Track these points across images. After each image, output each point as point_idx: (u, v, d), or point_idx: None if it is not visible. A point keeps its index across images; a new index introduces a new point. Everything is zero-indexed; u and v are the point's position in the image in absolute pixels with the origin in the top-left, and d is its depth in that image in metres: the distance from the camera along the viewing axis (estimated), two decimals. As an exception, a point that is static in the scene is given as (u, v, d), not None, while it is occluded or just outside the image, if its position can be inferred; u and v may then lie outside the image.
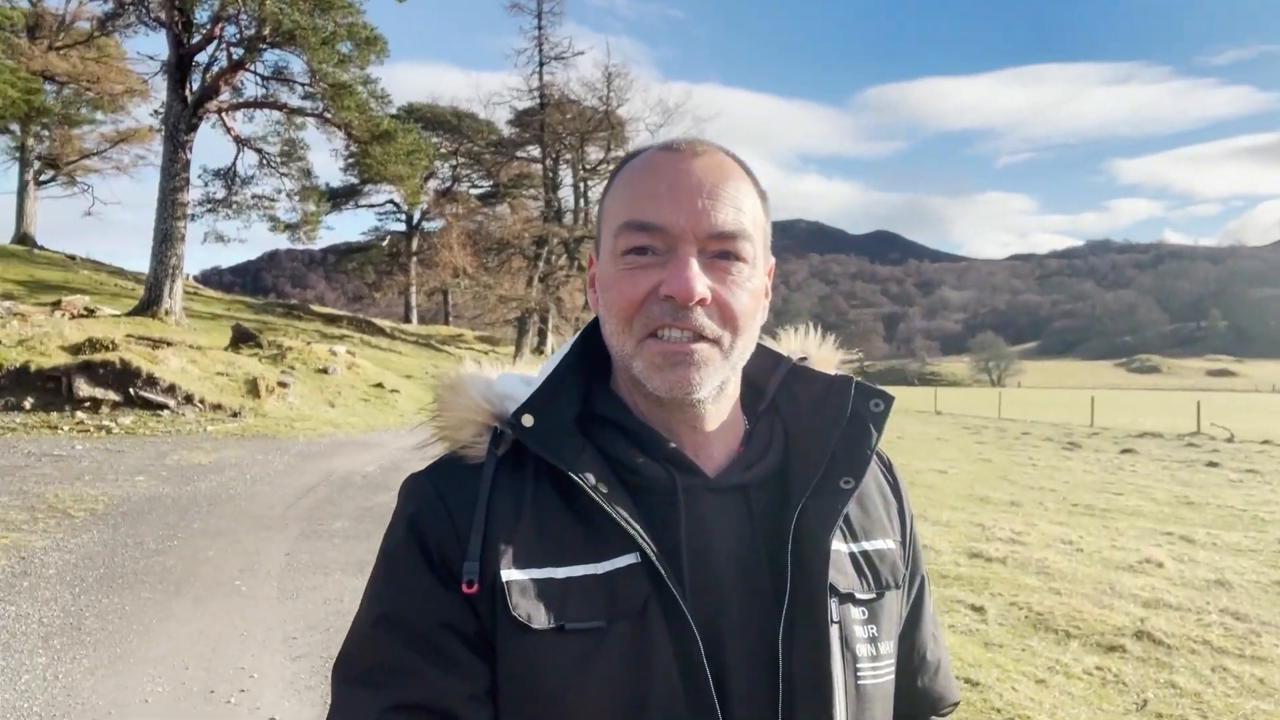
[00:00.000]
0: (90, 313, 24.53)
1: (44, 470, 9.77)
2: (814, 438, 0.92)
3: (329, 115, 28.10)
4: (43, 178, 46.02)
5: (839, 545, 0.89)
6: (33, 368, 15.36)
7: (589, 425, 0.89)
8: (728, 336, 0.84)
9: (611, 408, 0.90)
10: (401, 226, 55.84)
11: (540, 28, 44.95)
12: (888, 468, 1.04)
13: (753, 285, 0.86)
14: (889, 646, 0.91)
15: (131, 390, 15.80)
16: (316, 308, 46.74)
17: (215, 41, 26.89)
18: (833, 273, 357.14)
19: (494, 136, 50.03)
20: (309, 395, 18.97)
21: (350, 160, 38.35)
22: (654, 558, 0.80)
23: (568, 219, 46.72)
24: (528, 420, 0.85)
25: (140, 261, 27.08)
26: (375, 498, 8.97)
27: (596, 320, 0.92)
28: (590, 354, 0.94)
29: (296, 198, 33.07)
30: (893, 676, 0.92)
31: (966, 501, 10.88)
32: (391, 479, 10.15)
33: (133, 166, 49.96)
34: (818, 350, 1.04)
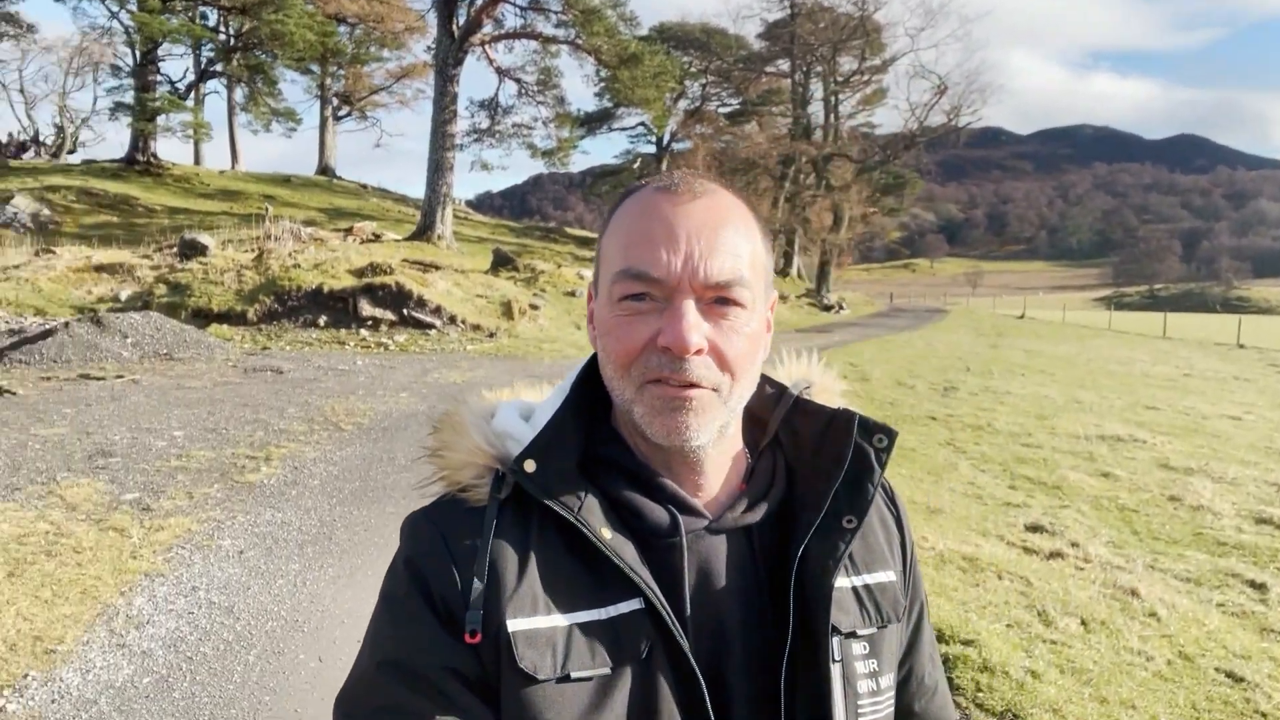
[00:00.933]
0: (376, 238, 27.23)
1: (328, 384, 11.04)
2: (817, 476, 0.92)
3: (580, 41, 28.75)
4: (340, 113, 51.23)
5: (841, 581, 0.90)
6: (325, 289, 17.34)
7: (591, 467, 0.89)
8: (727, 382, 0.84)
9: (613, 450, 0.90)
10: (652, 149, 56.62)
11: (793, -69, 42.94)
12: (890, 497, 1.04)
13: (751, 329, 0.86)
14: (889, 680, 0.92)
15: (405, 311, 17.44)
16: (572, 230, 48.90)
17: (478, -26, 28.20)
18: (1122, 184, 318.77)
19: (743, 51, 49.02)
20: (557, 317, 19.97)
21: (601, 85, 39.19)
22: (657, 603, 0.81)
23: (816, 136, 45.06)
24: (530, 466, 0.84)
25: (420, 189, 29.52)
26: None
27: (595, 356, 0.92)
28: (591, 391, 0.93)
29: (552, 124, 34.43)
30: (892, 710, 0.93)
31: (1262, 455, 9.44)
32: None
33: (414, 100, 54.32)
34: (820, 378, 1.04)
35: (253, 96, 40.50)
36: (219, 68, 38.98)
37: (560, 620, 0.81)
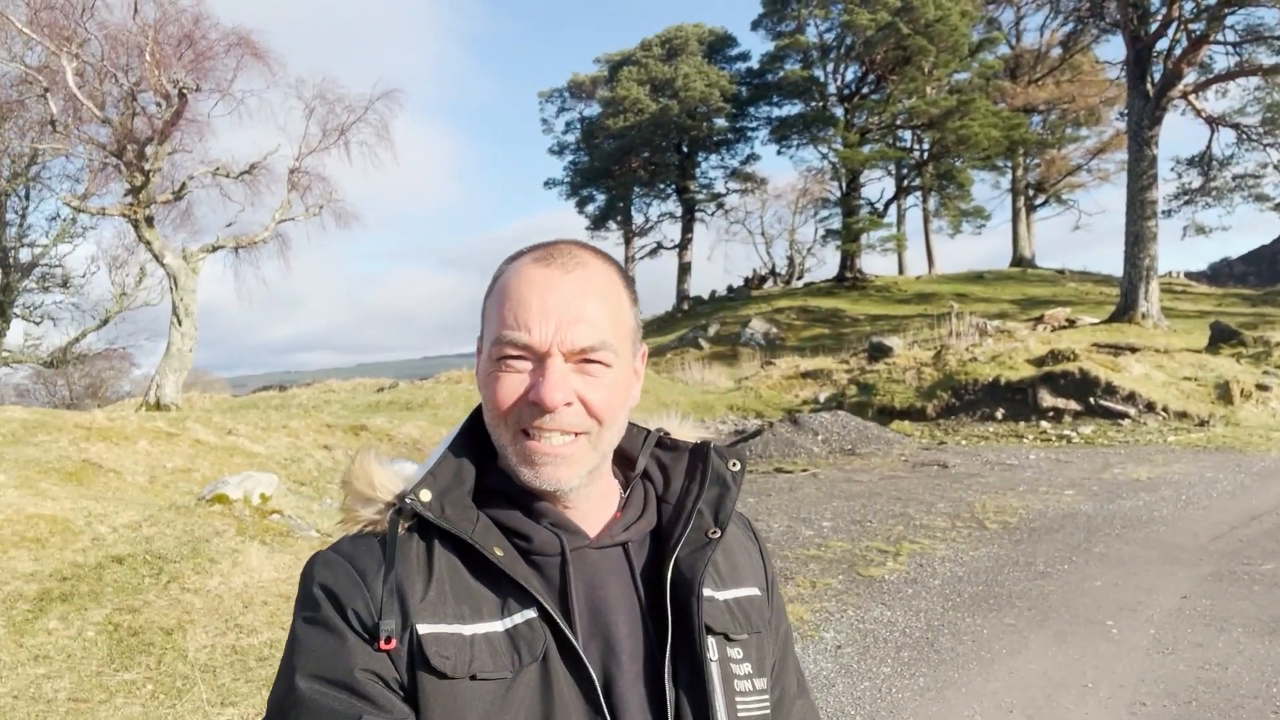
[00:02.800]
0: (1070, 323, 25.62)
1: (989, 479, 10.58)
2: (682, 497, 1.05)
3: (1323, 59, 23.32)
4: (1034, 202, 50.23)
5: (711, 592, 1.00)
6: (1002, 381, 16.85)
7: (481, 498, 0.99)
8: (595, 427, 0.95)
9: (499, 481, 0.99)
10: None
11: None
12: (748, 526, 1.17)
13: (615, 380, 0.96)
14: (764, 682, 1.03)
15: (1091, 399, 15.88)
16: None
17: (1173, 23, 25.24)
18: None
19: None
20: None
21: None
22: (551, 610, 0.91)
23: None
24: (425, 495, 0.94)
25: (1120, 266, 27.16)
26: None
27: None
28: (478, 433, 1.02)
29: (1290, 167, 28.30)
30: (769, 712, 1.02)
31: None
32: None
33: (1115, 173, 50.46)
34: (678, 426, 1.15)
35: (944, 202, 42.40)
36: (914, 182, 41.93)
37: (464, 629, 0.90)
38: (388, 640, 0.87)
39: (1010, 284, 39.72)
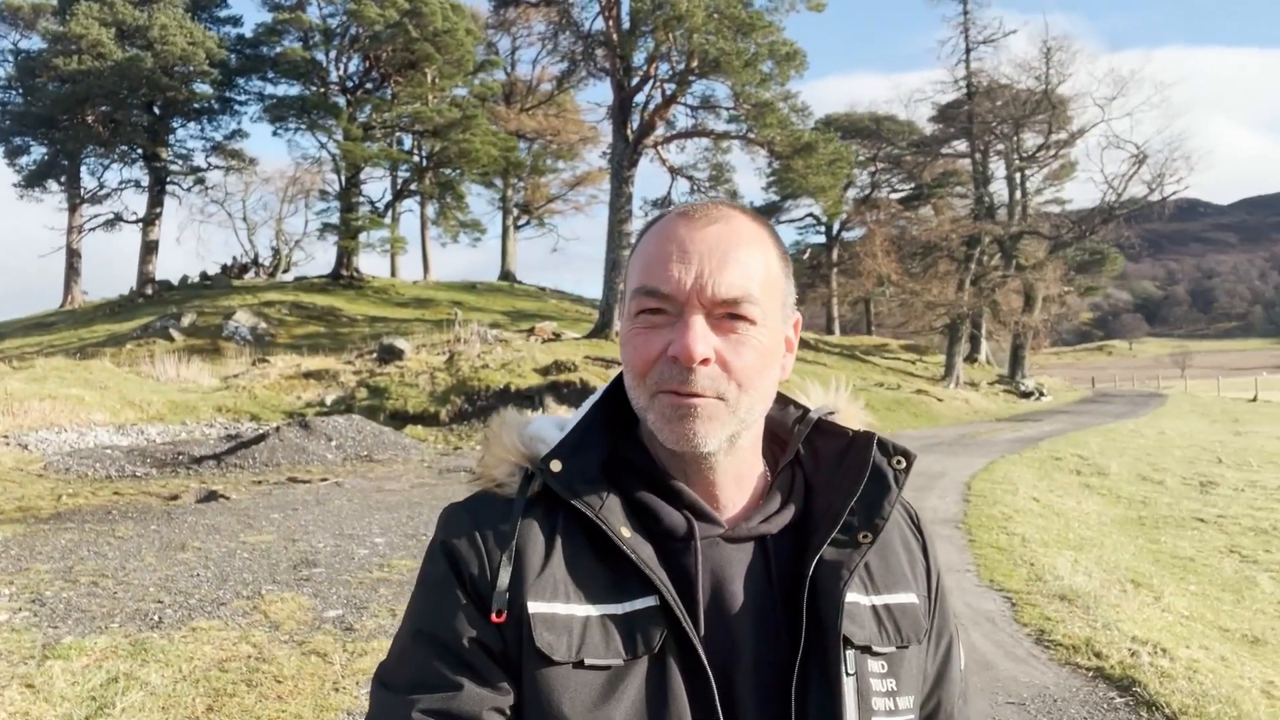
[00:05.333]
0: (557, 336, 27.70)
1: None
2: (834, 492, 0.95)
3: (752, 135, 28.77)
4: (519, 222, 53.88)
5: (859, 597, 0.91)
6: (513, 388, 17.46)
7: (614, 471, 0.93)
8: (733, 391, 0.88)
9: (635, 456, 0.94)
10: (821, 238, 55.86)
11: (966, 12, 42.02)
12: (915, 523, 1.05)
13: (760, 343, 0.90)
14: (909, 701, 0.92)
15: (589, 408, 17.24)
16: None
17: (651, 81, 28.97)
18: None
19: (915, 136, 47.86)
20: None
21: (771, 177, 39.05)
22: (671, 600, 0.85)
23: (1001, 214, 42.85)
24: (555, 465, 0.90)
25: (596, 289, 30.10)
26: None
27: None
28: (619, 404, 0.97)
29: (724, 219, 34.44)
30: None
31: None
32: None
33: (587, 205, 56.57)
34: (845, 406, 1.05)
35: (442, 211, 43.19)
36: (413, 187, 41.90)
37: (578, 610, 0.85)
38: (499, 613, 0.84)
39: (500, 296, 41.90)
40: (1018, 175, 43.87)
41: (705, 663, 0.84)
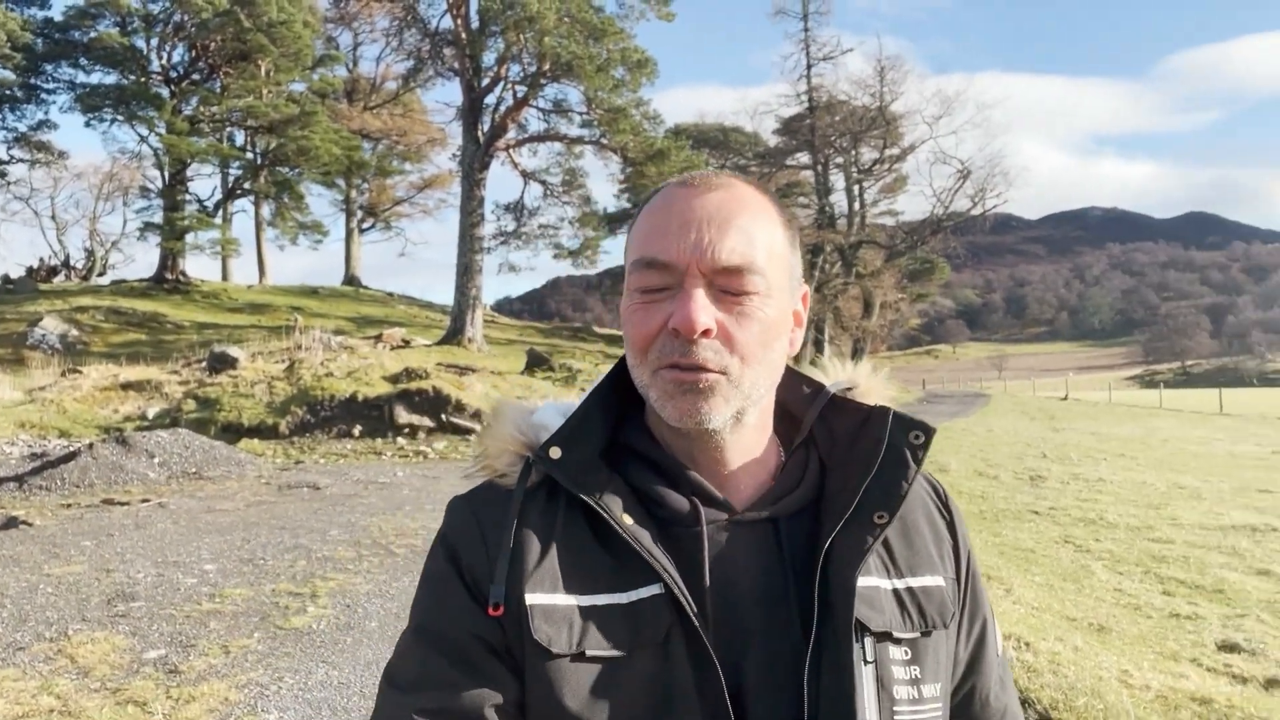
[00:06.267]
0: (406, 343, 26.68)
1: (370, 500, 10.08)
2: (849, 471, 0.91)
3: (605, 140, 28.78)
4: (364, 225, 51.81)
5: (878, 581, 0.88)
6: (360, 397, 16.55)
7: (617, 457, 0.91)
8: (736, 365, 0.84)
9: (638, 440, 0.92)
10: (673, 245, 56.61)
11: (806, 30, 43.80)
12: (943, 501, 1.00)
13: (765, 315, 0.85)
14: (934, 689, 0.87)
15: (443, 416, 16.57)
16: (598, 329, 48.46)
17: (501, 82, 28.49)
18: (1138, 262, 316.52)
19: (761, 148, 49.43)
20: (600, 417, 19.05)
21: (624, 184, 39.23)
22: (676, 589, 0.81)
23: (841, 224, 44.82)
24: (555, 453, 0.87)
25: (445, 295, 29.27)
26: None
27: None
28: (623, 387, 0.94)
29: (577, 224, 34.32)
30: None
31: None
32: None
33: (436, 209, 55.11)
34: (866, 380, 1.01)
35: (280, 212, 40.91)
36: (246, 185, 39.42)
37: (578, 600, 0.83)
38: (496, 607, 0.82)
39: (345, 301, 40.10)
40: (856, 187, 46.10)
41: (712, 652, 0.80)
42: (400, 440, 15.73)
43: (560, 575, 0.83)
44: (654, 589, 0.82)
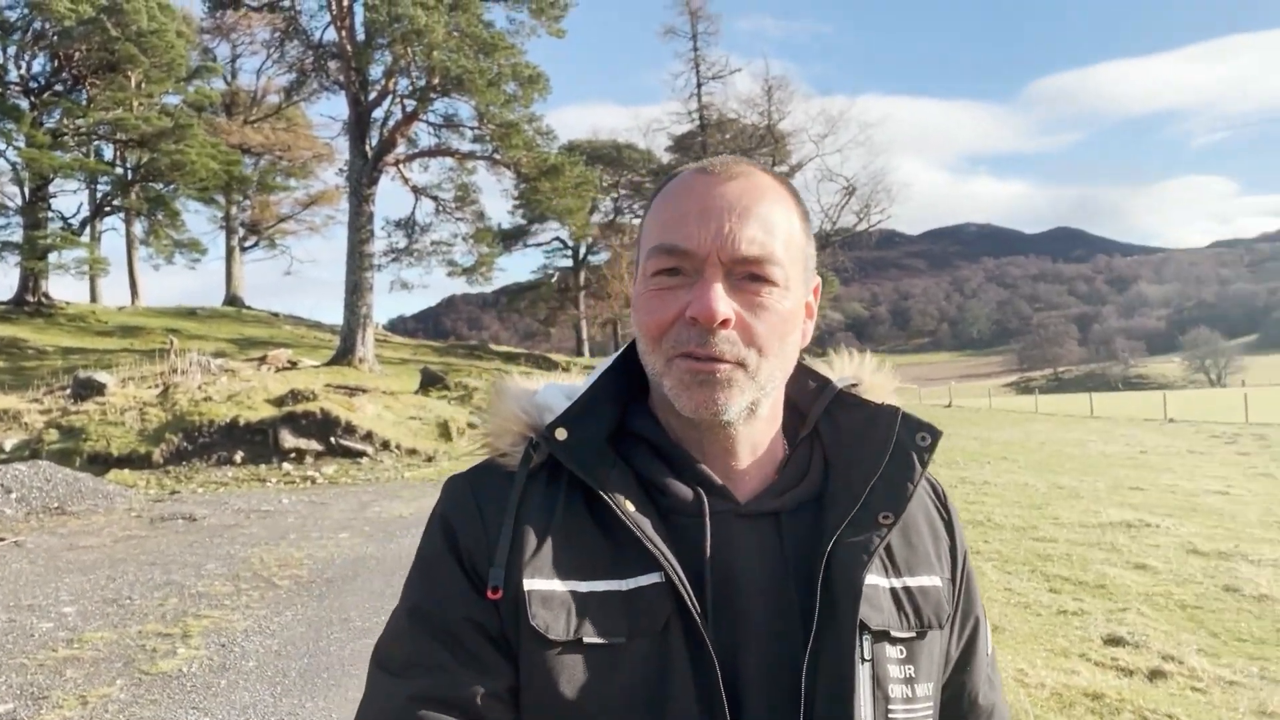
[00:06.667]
0: (293, 365, 25.64)
1: (252, 530, 9.55)
2: (854, 469, 0.90)
3: (498, 155, 28.49)
4: (246, 243, 49.73)
5: (879, 580, 0.87)
6: (241, 422, 15.77)
7: (623, 442, 0.89)
8: (753, 357, 0.83)
9: (645, 426, 0.90)
10: (568, 262, 56.57)
11: (696, 49, 44.58)
12: (942, 501, 1.00)
13: (782, 308, 0.85)
14: (927, 689, 0.88)
15: (332, 439, 15.95)
16: (495, 347, 47.83)
17: (390, 96, 27.86)
18: (1011, 275, 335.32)
19: (654, 165, 49.94)
20: (497, 436, 18.72)
21: (519, 200, 38.97)
22: (676, 578, 0.80)
23: (735, 240, 45.65)
24: (561, 434, 0.86)
25: (334, 314, 28.33)
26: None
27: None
28: (631, 372, 0.93)
29: (471, 240, 33.81)
30: None
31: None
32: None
33: (323, 226, 53.33)
34: (871, 376, 1.00)
35: (153, 229, 38.84)
36: (116, 201, 37.29)
37: (577, 586, 0.81)
38: (494, 590, 0.80)
39: (226, 322, 38.34)
40: (747, 203, 47.01)
41: (709, 643, 0.79)
42: (286, 466, 15.04)
43: (560, 560, 0.82)
44: (654, 577, 0.81)
